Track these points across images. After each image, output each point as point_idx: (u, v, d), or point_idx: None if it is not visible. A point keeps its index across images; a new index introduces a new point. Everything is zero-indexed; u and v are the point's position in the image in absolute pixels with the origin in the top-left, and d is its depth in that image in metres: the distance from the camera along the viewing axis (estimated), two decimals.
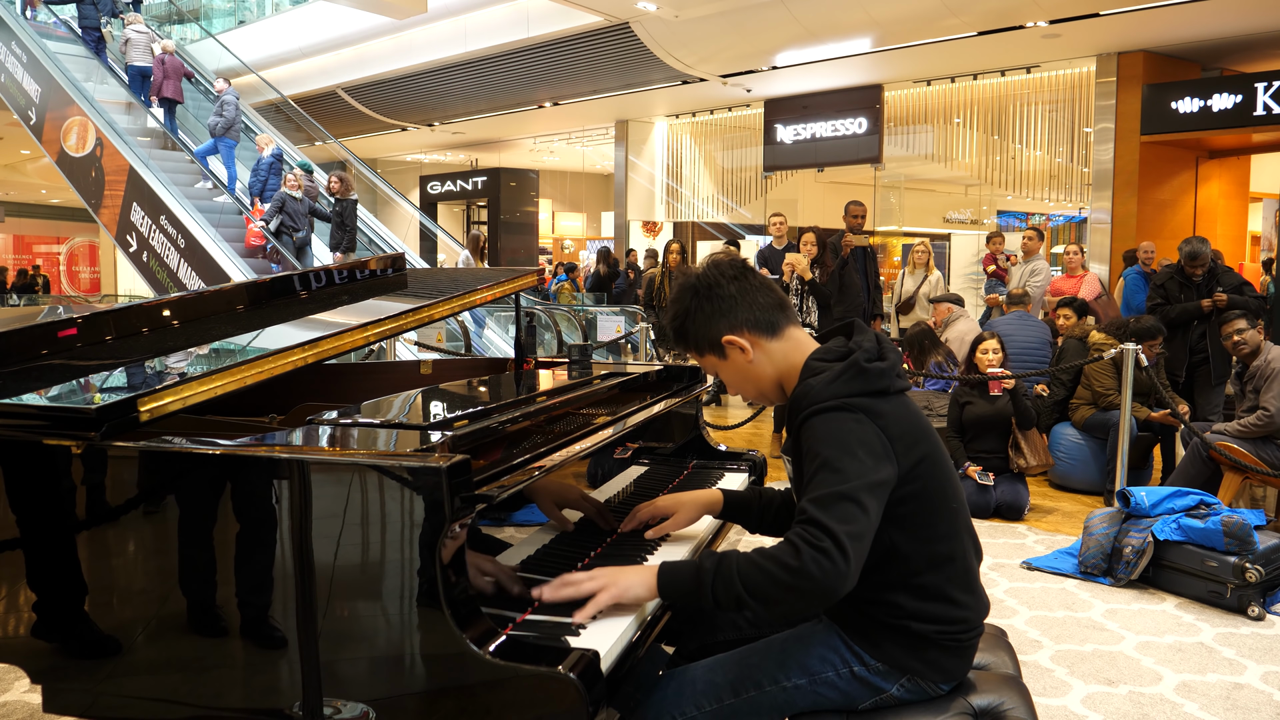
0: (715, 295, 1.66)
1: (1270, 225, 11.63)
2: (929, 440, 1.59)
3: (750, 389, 1.72)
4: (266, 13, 16.04)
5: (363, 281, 2.68)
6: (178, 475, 1.47)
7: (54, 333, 1.98)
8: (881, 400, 1.54)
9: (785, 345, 1.67)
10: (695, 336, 1.70)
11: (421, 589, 1.34)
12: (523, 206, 19.83)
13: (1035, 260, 8.38)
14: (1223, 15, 9.01)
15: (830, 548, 1.39)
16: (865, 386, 1.54)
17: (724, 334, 1.66)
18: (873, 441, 1.49)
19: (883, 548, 1.53)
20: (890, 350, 1.61)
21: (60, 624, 1.56)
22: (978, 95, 12.03)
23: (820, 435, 1.51)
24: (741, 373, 1.69)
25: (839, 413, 1.51)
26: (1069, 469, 5.78)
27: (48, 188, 23.38)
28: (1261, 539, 3.76)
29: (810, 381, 1.56)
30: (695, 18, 10.66)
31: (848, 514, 1.42)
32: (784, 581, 1.40)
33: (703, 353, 1.71)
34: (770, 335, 1.66)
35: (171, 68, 11.47)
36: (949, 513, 1.59)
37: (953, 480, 1.62)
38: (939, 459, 1.59)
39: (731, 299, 1.66)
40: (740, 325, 1.65)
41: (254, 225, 10.01)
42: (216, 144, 10.98)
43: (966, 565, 1.61)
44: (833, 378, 1.54)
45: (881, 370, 1.56)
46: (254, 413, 2.15)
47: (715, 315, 1.66)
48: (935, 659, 1.58)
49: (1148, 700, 2.95)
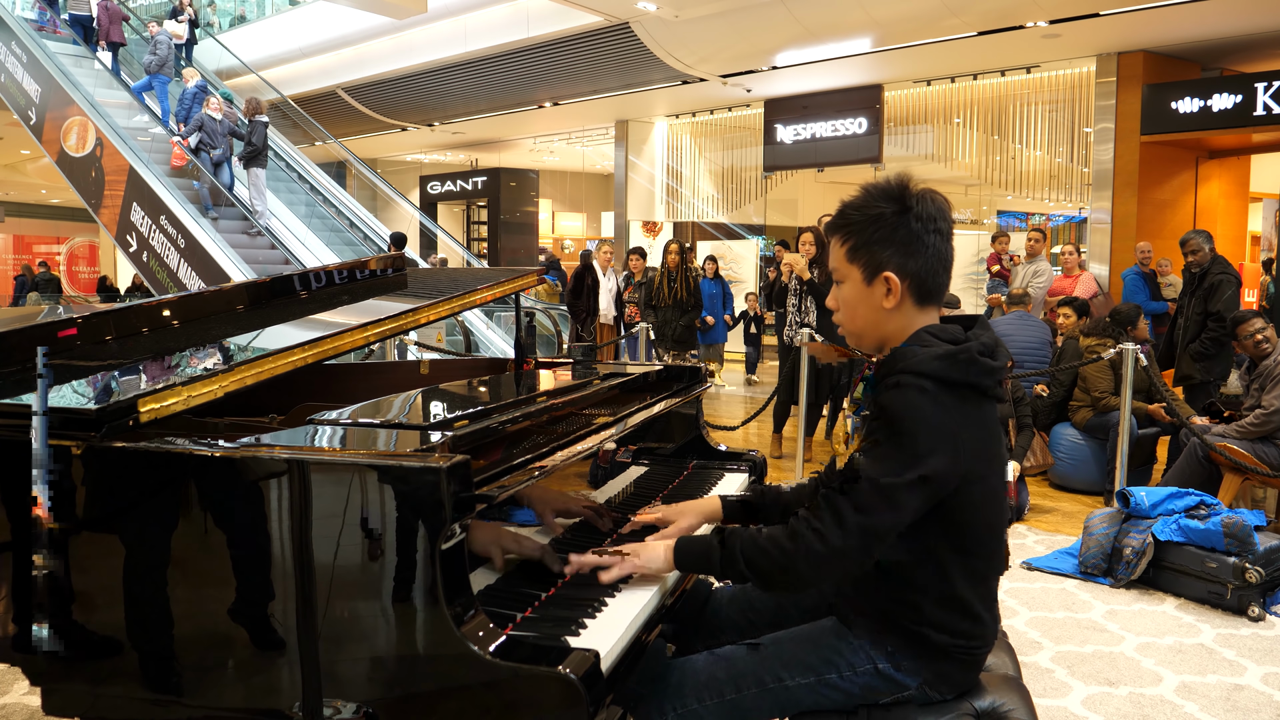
0: (919, 229, 1.53)
1: (1270, 225, 11.62)
2: (998, 456, 1.56)
3: (859, 323, 1.61)
4: (267, 13, 16.03)
5: (363, 281, 2.68)
6: (178, 475, 1.47)
7: (54, 333, 1.97)
8: (974, 399, 1.49)
9: (920, 317, 1.57)
10: (864, 241, 1.55)
11: (421, 589, 1.33)
12: (523, 206, 19.83)
13: (1038, 261, 8.38)
14: (1223, 15, 9.00)
15: (829, 527, 1.44)
16: (968, 376, 1.48)
17: (891, 269, 1.54)
18: (944, 437, 1.45)
19: (924, 551, 1.52)
20: (1003, 355, 1.55)
21: (60, 624, 1.56)
22: (978, 95, 12.02)
23: (898, 407, 1.46)
24: (868, 307, 1.58)
25: (923, 396, 1.45)
26: (1069, 469, 5.78)
27: (48, 188, 23.37)
28: (1261, 540, 3.76)
29: (916, 348, 1.51)
30: (695, 18, 10.65)
31: (871, 505, 1.43)
32: (779, 560, 1.48)
33: (854, 259, 1.57)
34: (919, 302, 1.56)
35: (114, 14, 12.66)
36: (996, 533, 1.58)
37: (1005, 498, 1.61)
38: (1000, 476, 1.58)
39: (926, 246, 1.54)
40: (910, 273, 1.54)
41: (175, 140, 11.33)
42: (151, 81, 12.17)
43: (995, 582, 1.61)
44: (941, 355, 1.48)
45: (990, 368, 1.50)
46: (254, 413, 2.15)
47: (900, 245, 1.53)
48: (946, 670, 1.57)
49: (1148, 701, 2.94)
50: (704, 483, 2.43)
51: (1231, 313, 5.60)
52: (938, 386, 1.46)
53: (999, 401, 1.57)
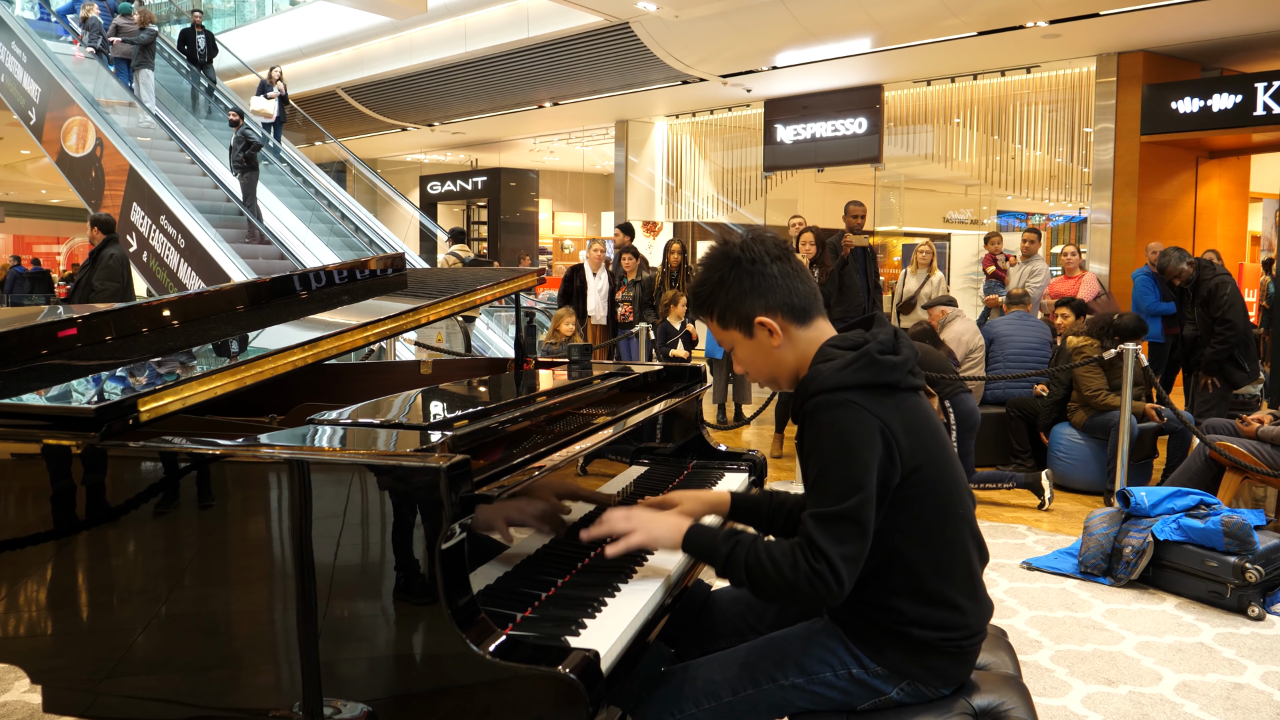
0: (756, 271, 1.61)
1: (1270, 225, 11.62)
2: (936, 443, 1.57)
3: (765, 372, 1.68)
4: (266, 12, 16.04)
5: (363, 281, 2.68)
6: (178, 475, 1.47)
7: (54, 333, 1.98)
8: (889, 395, 1.52)
9: (811, 335, 1.63)
10: (724, 308, 1.64)
11: (421, 589, 1.33)
12: (523, 206, 19.84)
13: (1034, 261, 8.38)
14: (1223, 15, 9.01)
15: (825, 571, 1.45)
16: (874, 378, 1.51)
17: (758, 314, 1.61)
18: (874, 440, 1.47)
19: (886, 552, 1.52)
20: (906, 346, 1.58)
21: (60, 624, 1.56)
22: (978, 95, 12.03)
23: (823, 432, 1.50)
24: (764, 355, 1.64)
25: (842, 410, 1.49)
26: (1069, 469, 5.77)
27: (48, 188, 23.38)
28: (1261, 539, 3.76)
29: (820, 367, 1.54)
30: (695, 18, 10.66)
31: (845, 535, 1.46)
32: (780, 587, 1.49)
33: (726, 326, 1.65)
34: (800, 323, 1.62)
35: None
36: (955, 518, 1.57)
37: (959, 485, 1.59)
38: (946, 463, 1.57)
39: (773, 279, 1.60)
40: (775, 308, 1.61)
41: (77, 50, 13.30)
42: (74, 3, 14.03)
43: (970, 571, 1.60)
44: (842, 365, 1.52)
45: (893, 364, 1.53)
46: (254, 413, 2.15)
47: (753, 292, 1.61)
48: (937, 665, 1.57)
49: (1148, 700, 2.95)
50: (704, 482, 2.44)
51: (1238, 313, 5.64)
52: (850, 394, 1.49)
53: (916, 391, 1.58)
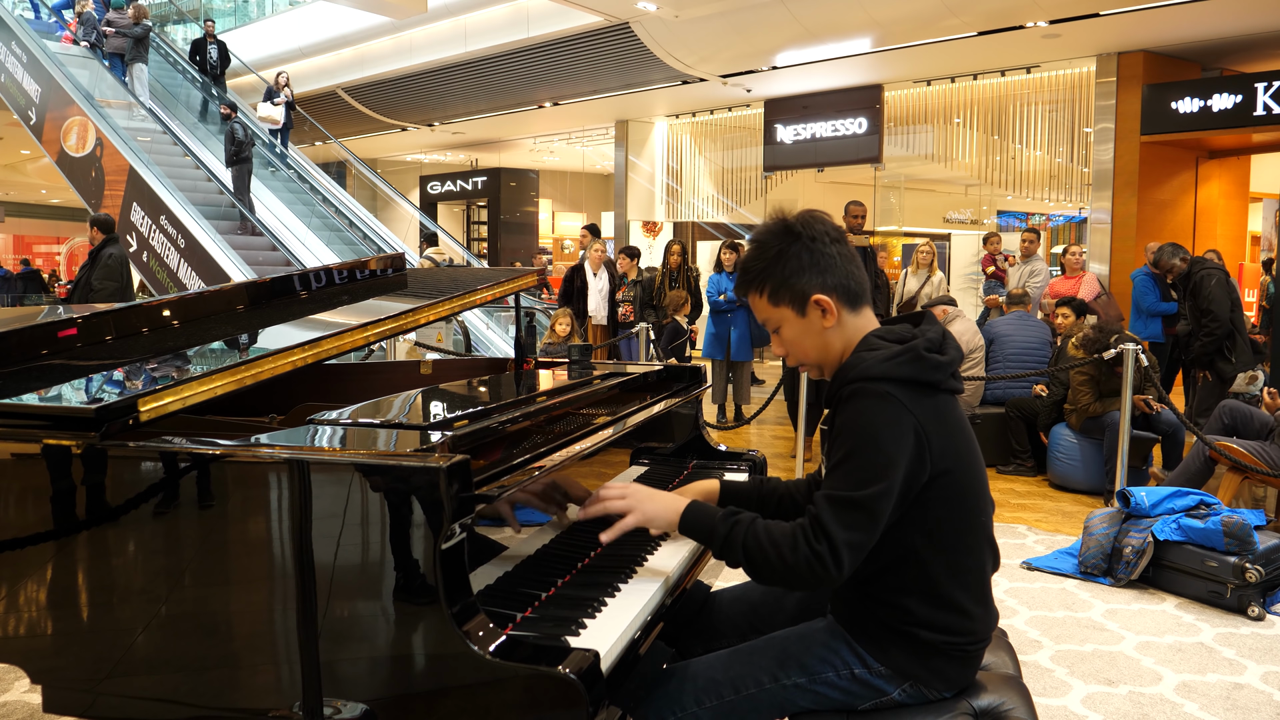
0: (817, 249, 1.58)
1: (1270, 225, 11.63)
2: (968, 448, 1.56)
3: (811, 355, 1.64)
4: (267, 12, 16.04)
5: (363, 281, 2.68)
6: (178, 475, 1.47)
7: (54, 333, 1.98)
8: (929, 395, 1.50)
9: (859, 322, 1.61)
10: (780, 282, 1.59)
11: (421, 589, 1.33)
12: (523, 206, 19.84)
13: (1034, 261, 8.38)
14: (1223, 15, 9.00)
15: (825, 553, 1.44)
16: (917, 374, 1.49)
17: (815, 291, 1.57)
18: (906, 437, 1.46)
19: (903, 550, 1.52)
20: (953, 348, 1.56)
21: (60, 624, 1.56)
22: (978, 95, 12.03)
23: (856, 418, 1.48)
24: (813, 336, 1.61)
25: (880, 400, 1.47)
26: (1068, 469, 5.77)
27: (48, 188, 23.38)
28: (1261, 539, 3.76)
29: (864, 354, 1.53)
30: (695, 18, 10.66)
31: (855, 521, 1.44)
32: (778, 569, 1.48)
33: (778, 301, 1.60)
34: (852, 308, 1.60)
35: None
36: (975, 525, 1.57)
37: (984, 492, 1.59)
38: (974, 469, 1.57)
39: (831, 258, 1.58)
40: (833, 288, 1.57)
41: (66, 34, 13.93)
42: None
43: (983, 577, 1.60)
44: (887, 356, 1.50)
45: (938, 363, 1.51)
46: (254, 413, 2.15)
47: (812, 268, 1.57)
48: (940, 667, 1.57)
49: (1148, 700, 2.95)
50: None
51: (1221, 305, 5.66)
52: (890, 387, 1.48)
53: (955, 394, 1.57)
